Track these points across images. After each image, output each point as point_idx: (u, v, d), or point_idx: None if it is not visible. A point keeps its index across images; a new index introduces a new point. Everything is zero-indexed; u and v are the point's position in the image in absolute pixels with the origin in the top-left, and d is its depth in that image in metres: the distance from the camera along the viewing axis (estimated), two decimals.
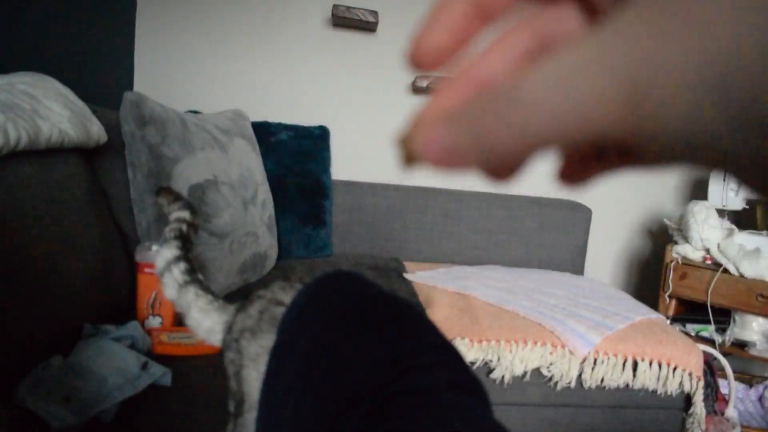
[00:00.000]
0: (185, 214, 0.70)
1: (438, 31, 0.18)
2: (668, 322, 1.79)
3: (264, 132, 1.83)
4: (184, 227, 0.69)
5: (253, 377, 0.53)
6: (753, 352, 1.76)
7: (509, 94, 0.14)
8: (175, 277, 0.64)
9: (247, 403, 0.54)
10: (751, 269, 1.72)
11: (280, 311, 0.53)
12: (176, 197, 0.72)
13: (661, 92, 0.12)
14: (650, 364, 1.30)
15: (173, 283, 0.64)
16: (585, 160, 0.18)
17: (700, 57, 0.12)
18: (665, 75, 0.12)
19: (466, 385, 0.40)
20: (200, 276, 0.66)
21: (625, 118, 0.13)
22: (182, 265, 0.65)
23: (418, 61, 0.19)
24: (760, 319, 1.77)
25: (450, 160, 0.16)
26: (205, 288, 0.64)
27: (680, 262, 1.89)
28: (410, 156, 0.18)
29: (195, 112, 1.74)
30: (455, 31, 0.18)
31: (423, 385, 0.38)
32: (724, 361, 1.57)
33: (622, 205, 2.30)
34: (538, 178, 2.25)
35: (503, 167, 0.17)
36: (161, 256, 0.65)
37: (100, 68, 1.76)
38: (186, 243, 0.67)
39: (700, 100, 0.12)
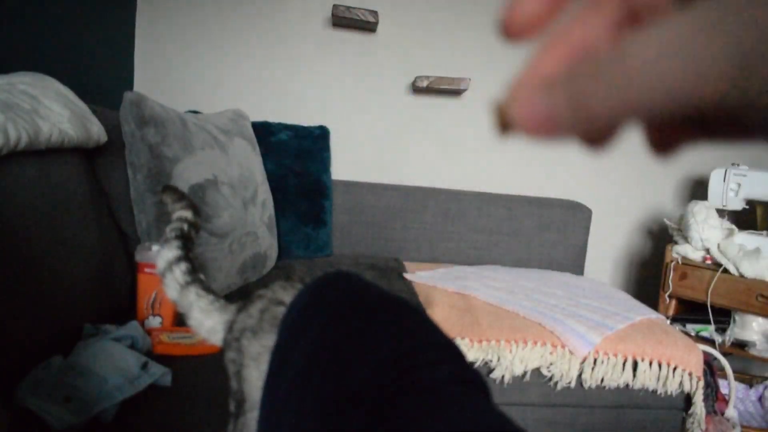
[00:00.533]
0: (188, 214, 0.70)
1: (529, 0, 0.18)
2: (668, 322, 1.79)
3: (264, 132, 1.83)
4: (186, 227, 0.69)
5: (254, 377, 0.53)
6: (753, 352, 1.76)
7: (612, 59, 0.14)
8: (176, 278, 0.64)
9: (247, 403, 0.54)
10: (751, 269, 1.72)
11: (280, 311, 0.53)
12: (180, 196, 0.72)
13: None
14: (650, 364, 1.30)
15: (175, 283, 0.64)
16: (674, 129, 0.18)
17: None
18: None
19: (468, 379, 0.40)
20: (201, 276, 0.65)
21: (737, 86, 0.13)
22: (183, 266, 0.65)
23: (511, 29, 0.18)
24: (760, 319, 1.77)
25: (548, 127, 0.16)
26: (207, 288, 0.64)
27: (680, 262, 1.89)
28: (506, 123, 0.18)
29: (195, 112, 1.74)
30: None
31: (426, 381, 0.38)
32: (724, 361, 1.57)
33: (622, 205, 2.30)
34: (538, 178, 2.25)
35: (599, 134, 0.17)
36: (162, 257, 0.65)
37: (100, 68, 1.76)
38: (187, 243, 0.67)
39: None
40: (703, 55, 0.13)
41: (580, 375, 1.30)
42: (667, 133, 0.18)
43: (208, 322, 0.62)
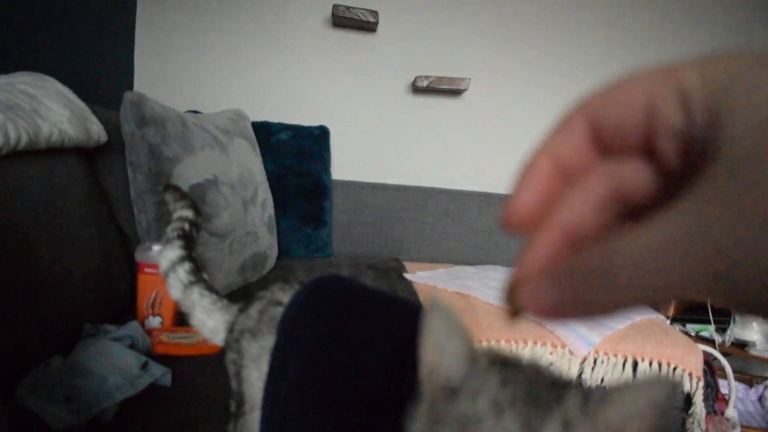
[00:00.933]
0: (189, 213, 0.70)
1: (526, 193, 0.20)
2: (668, 322, 1.79)
3: (264, 132, 1.83)
4: (187, 226, 0.69)
5: (253, 377, 0.53)
6: (753, 352, 1.76)
7: (605, 263, 0.16)
8: (180, 278, 0.64)
9: (247, 404, 0.54)
10: None
11: (278, 311, 0.53)
12: (182, 195, 0.72)
13: (746, 268, 0.13)
14: (650, 364, 1.31)
15: (178, 283, 0.64)
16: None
17: None
18: (750, 253, 0.13)
19: None
20: (205, 276, 0.65)
21: (712, 287, 0.14)
22: (187, 265, 0.65)
23: (513, 224, 0.20)
24: (760, 319, 1.77)
25: (555, 315, 0.18)
26: (210, 288, 0.64)
27: None
28: (516, 308, 0.19)
29: (195, 112, 1.74)
30: (542, 191, 0.20)
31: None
32: (724, 361, 1.57)
33: None
34: None
35: (600, 316, 0.18)
36: (165, 257, 0.65)
37: (100, 68, 1.76)
38: (189, 242, 0.67)
39: None
40: (685, 260, 0.14)
41: (580, 375, 1.30)
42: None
43: (210, 322, 0.62)
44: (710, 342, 1.81)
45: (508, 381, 0.27)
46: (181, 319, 1.20)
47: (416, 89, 2.09)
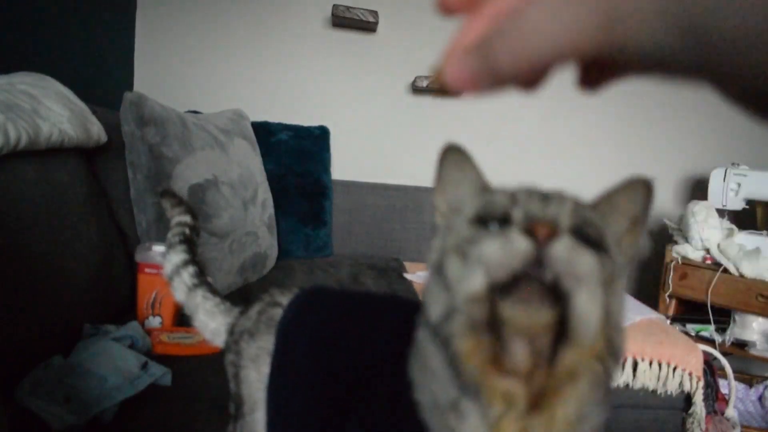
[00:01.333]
0: (187, 218, 0.71)
1: None
2: (668, 322, 1.79)
3: (264, 132, 1.83)
4: (188, 231, 0.70)
5: (252, 378, 0.53)
6: (753, 352, 1.76)
7: (512, 25, 0.18)
8: (184, 281, 0.65)
9: (246, 405, 0.54)
10: (751, 269, 1.72)
11: (277, 312, 0.53)
12: (179, 201, 0.73)
13: (629, 21, 0.16)
14: (650, 364, 1.30)
15: (182, 286, 0.65)
16: (591, 73, 0.22)
17: None
18: (632, 6, 0.16)
19: None
20: (209, 279, 0.66)
21: (601, 40, 0.17)
22: (191, 269, 0.66)
23: (445, 6, 0.23)
24: (760, 319, 1.77)
25: (472, 85, 0.20)
26: (213, 290, 0.65)
27: (680, 262, 1.89)
28: (444, 85, 0.21)
29: (195, 112, 1.74)
30: None
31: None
32: (724, 361, 1.57)
33: None
34: (538, 177, 2.24)
35: (527, 81, 0.20)
36: (170, 261, 0.66)
37: (100, 68, 1.76)
38: (192, 247, 0.68)
39: (662, 26, 0.16)
40: (577, 15, 0.17)
41: None
42: (588, 74, 0.22)
43: (212, 324, 0.63)
44: (710, 342, 1.81)
45: (518, 197, 0.33)
46: (181, 320, 1.20)
47: (416, 89, 2.09)
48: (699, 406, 1.34)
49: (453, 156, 0.37)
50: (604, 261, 0.30)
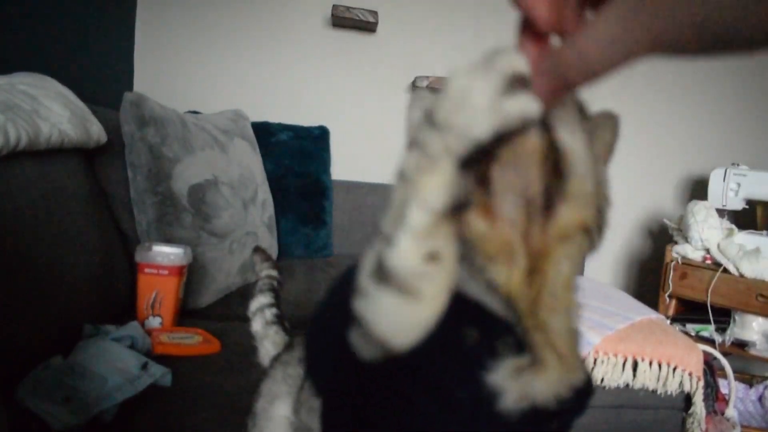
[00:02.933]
0: (274, 273, 0.81)
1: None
2: (668, 322, 1.79)
3: (264, 132, 1.83)
4: (276, 284, 0.79)
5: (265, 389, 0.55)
6: (753, 352, 1.76)
7: (575, 57, 0.23)
8: (264, 317, 0.73)
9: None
10: (751, 269, 1.72)
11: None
12: (267, 257, 0.83)
13: (670, 32, 0.20)
14: (650, 364, 1.30)
15: (261, 321, 0.73)
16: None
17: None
18: (671, 27, 0.20)
19: None
20: (286, 324, 0.73)
21: (651, 47, 0.21)
22: (273, 310, 0.74)
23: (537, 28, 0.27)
24: (760, 319, 1.77)
25: (552, 95, 0.25)
26: (285, 330, 0.71)
27: (680, 262, 1.89)
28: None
29: (195, 112, 1.74)
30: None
31: None
32: (724, 361, 1.57)
33: (622, 205, 2.30)
34: None
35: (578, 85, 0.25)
36: (257, 301, 0.75)
37: (100, 68, 1.76)
38: (277, 297, 0.77)
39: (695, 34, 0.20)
40: (624, 43, 0.21)
41: None
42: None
43: (273, 352, 0.69)
44: (710, 342, 1.81)
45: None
46: (181, 320, 1.21)
47: (416, 89, 2.09)
48: (699, 406, 1.34)
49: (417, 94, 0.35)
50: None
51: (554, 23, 0.27)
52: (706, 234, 1.81)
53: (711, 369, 1.43)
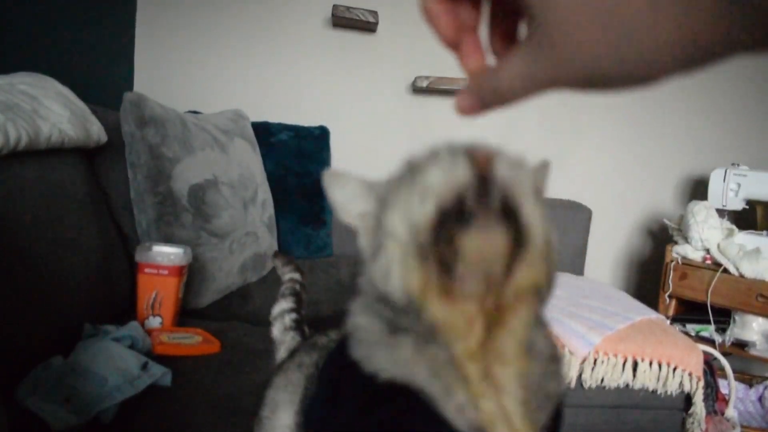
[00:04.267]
0: (297, 276, 0.82)
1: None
2: (668, 322, 1.79)
3: (264, 132, 1.83)
4: (298, 287, 0.80)
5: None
6: (753, 352, 1.76)
7: (494, 84, 0.28)
8: (284, 322, 0.74)
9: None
10: (751, 269, 1.72)
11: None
12: (289, 260, 0.84)
13: (566, 81, 0.25)
14: (650, 364, 1.30)
15: (281, 326, 0.74)
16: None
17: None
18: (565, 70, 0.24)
19: None
20: (306, 329, 0.73)
21: (549, 85, 0.25)
22: (294, 315, 0.75)
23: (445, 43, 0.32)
24: (760, 319, 1.77)
25: (473, 111, 0.30)
26: (303, 335, 0.72)
27: (680, 262, 1.89)
28: (457, 110, 0.31)
29: (195, 112, 1.74)
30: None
31: None
32: (724, 361, 1.57)
33: (622, 205, 2.30)
34: None
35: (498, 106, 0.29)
36: (279, 306, 0.76)
37: (100, 68, 1.76)
38: (299, 300, 0.78)
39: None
40: (536, 80, 0.26)
41: (580, 375, 1.30)
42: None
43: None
44: (710, 342, 1.81)
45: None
46: (181, 320, 1.21)
47: (416, 89, 2.09)
48: (699, 406, 1.34)
49: (333, 179, 0.41)
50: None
51: (451, 43, 0.31)
52: (706, 234, 1.81)
53: (711, 369, 1.43)
